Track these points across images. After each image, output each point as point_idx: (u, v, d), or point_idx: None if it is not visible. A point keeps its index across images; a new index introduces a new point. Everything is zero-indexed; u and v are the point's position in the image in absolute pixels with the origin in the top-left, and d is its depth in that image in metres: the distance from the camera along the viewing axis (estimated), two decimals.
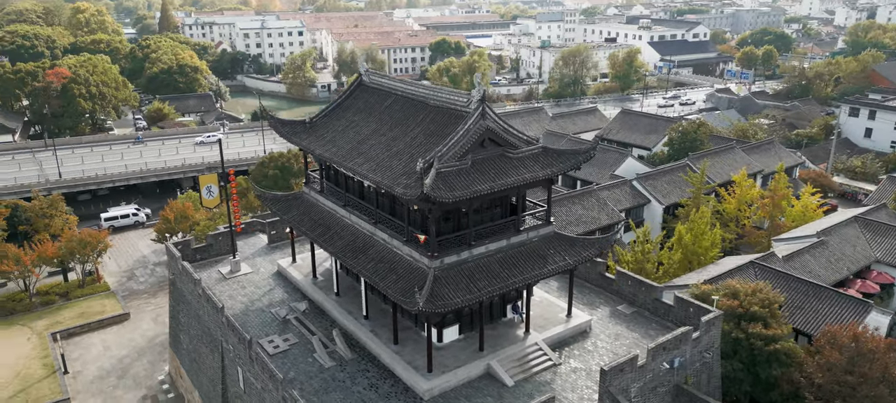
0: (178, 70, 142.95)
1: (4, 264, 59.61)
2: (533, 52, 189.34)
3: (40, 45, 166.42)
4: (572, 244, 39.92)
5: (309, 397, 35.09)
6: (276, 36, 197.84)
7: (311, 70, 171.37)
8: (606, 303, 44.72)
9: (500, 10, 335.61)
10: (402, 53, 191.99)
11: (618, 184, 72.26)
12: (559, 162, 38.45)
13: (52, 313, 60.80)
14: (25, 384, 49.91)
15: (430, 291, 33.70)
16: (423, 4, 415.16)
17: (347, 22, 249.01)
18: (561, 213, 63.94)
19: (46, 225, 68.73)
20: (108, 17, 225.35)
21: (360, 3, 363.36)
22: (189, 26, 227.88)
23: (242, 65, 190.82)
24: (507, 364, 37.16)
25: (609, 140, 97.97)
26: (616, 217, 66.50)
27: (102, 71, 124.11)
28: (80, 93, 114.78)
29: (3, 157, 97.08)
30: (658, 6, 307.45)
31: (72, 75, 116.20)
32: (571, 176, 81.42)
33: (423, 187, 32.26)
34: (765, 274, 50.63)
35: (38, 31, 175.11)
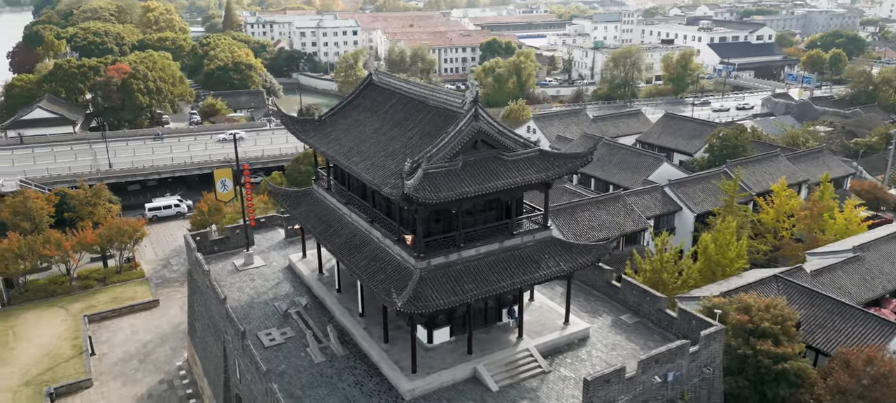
0: (233, 67, 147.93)
1: (47, 248, 63.14)
2: (585, 53, 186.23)
3: (110, 42, 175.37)
4: (569, 250, 39.15)
5: (294, 391, 35.74)
6: (331, 35, 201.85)
7: (361, 68, 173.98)
8: (610, 312, 43.61)
9: (560, 10, 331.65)
10: (452, 53, 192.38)
11: (648, 190, 70.32)
12: (555, 166, 37.75)
13: (88, 297, 64.04)
14: (54, 363, 52.80)
15: (412, 292, 33.75)
16: (482, 4, 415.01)
17: (403, 21, 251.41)
18: (584, 218, 62.79)
19: (90, 212, 72.45)
20: (176, 16, 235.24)
21: (418, 3, 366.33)
22: (251, 25, 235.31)
23: (298, 63, 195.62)
24: (494, 369, 36.77)
25: (650, 144, 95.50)
26: (642, 224, 64.73)
27: (161, 67, 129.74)
28: (139, 88, 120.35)
29: (63, 147, 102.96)
30: (724, 7, 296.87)
31: (131, 71, 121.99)
32: (604, 180, 79.79)
33: (405, 187, 32.33)
34: (788, 289, 48.24)
35: (109, 29, 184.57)
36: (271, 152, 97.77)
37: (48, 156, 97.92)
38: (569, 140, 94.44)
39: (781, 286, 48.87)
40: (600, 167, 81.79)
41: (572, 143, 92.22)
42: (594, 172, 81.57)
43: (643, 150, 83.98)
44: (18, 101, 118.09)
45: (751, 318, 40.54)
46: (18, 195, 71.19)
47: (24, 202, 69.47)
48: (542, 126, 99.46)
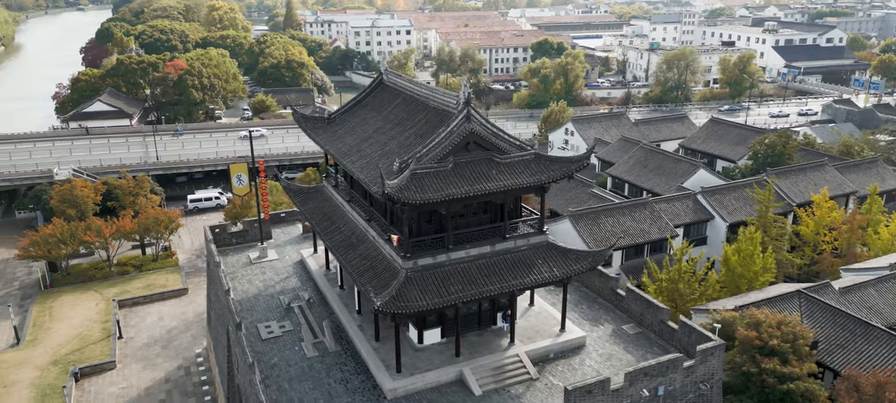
0: (285, 65, 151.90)
1: (87, 235, 66.54)
2: (640, 55, 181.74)
3: (174, 39, 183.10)
4: (565, 256, 38.42)
5: (281, 383, 36.47)
6: (384, 34, 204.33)
7: (411, 68, 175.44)
8: (612, 321, 42.53)
9: (621, 10, 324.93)
10: (503, 53, 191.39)
11: (679, 197, 68.06)
12: (550, 169, 37.11)
13: (124, 282, 67.14)
14: (83, 344, 55.63)
15: (394, 292, 33.89)
16: (542, 4, 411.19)
17: (459, 21, 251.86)
18: (607, 224, 61.40)
19: (132, 202, 75.87)
20: (239, 15, 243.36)
21: (477, 3, 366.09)
22: (310, 24, 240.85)
23: (352, 61, 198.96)
24: (480, 373, 36.47)
25: (693, 150, 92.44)
26: (669, 232, 62.70)
27: (216, 64, 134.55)
28: (193, 83, 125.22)
29: (118, 139, 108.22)
30: (795, 8, 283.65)
31: (187, 67, 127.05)
32: (638, 185, 77.72)
33: (386, 187, 32.47)
34: (810, 306, 45.83)
35: (174, 26, 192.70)
36: (311, 148, 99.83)
37: (103, 147, 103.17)
38: (606, 143, 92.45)
39: (804, 302, 46.45)
40: (635, 172, 79.76)
41: (610, 147, 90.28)
42: (628, 177, 79.61)
43: (679, 156, 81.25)
44: (83, 94, 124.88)
45: (759, 335, 38.79)
46: (66, 183, 75.32)
47: (71, 190, 73.45)
48: (581, 128, 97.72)
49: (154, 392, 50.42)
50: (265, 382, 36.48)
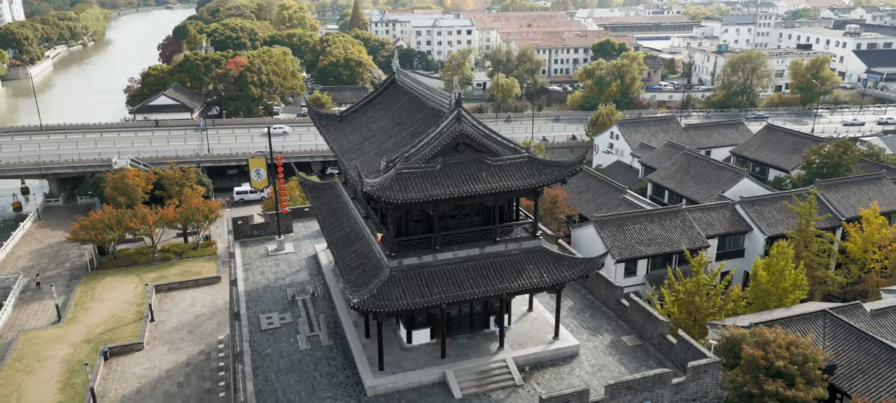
0: (344, 64, 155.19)
1: (132, 222, 70.22)
2: (707, 57, 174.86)
3: (243, 37, 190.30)
4: (557, 262, 37.58)
5: (269, 374, 37.38)
6: (445, 34, 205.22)
7: (469, 68, 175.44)
8: (613, 332, 41.29)
9: (698, 10, 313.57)
10: (563, 54, 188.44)
11: (716, 206, 65.27)
12: (542, 173, 36.40)
13: (163, 268, 70.45)
14: (117, 325, 58.79)
15: (375, 290, 34.15)
16: (614, 4, 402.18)
17: (523, 21, 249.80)
18: (633, 231, 59.61)
19: (178, 192, 79.48)
20: (308, 14, 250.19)
21: (546, 3, 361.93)
22: (375, 23, 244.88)
23: (412, 61, 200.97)
24: (463, 376, 36.21)
25: (745, 158, 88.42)
26: (700, 242, 60.14)
27: (276, 62, 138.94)
28: (253, 80, 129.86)
29: (177, 132, 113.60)
30: (885, 10, 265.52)
31: (248, 64, 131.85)
32: (677, 192, 74.97)
33: (365, 185, 32.75)
34: (835, 327, 42.98)
35: (245, 25, 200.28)
36: None
37: (162, 139, 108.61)
38: (651, 148, 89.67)
39: (828, 323, 43.60)
40: (675, 179, 77.02)
41: (653, 152, 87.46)
42: (668, 184, 76.97)
43: (722, 163, 77.79)
44: (152, 88, 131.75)
45: (766, 355, 36.80)
46: (119, 172, 79.74)
47: (122, 178, 77.71)
48: (627, 132, 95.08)
49: (174, 375, 52.68)
50: (255, 372, 37.51)
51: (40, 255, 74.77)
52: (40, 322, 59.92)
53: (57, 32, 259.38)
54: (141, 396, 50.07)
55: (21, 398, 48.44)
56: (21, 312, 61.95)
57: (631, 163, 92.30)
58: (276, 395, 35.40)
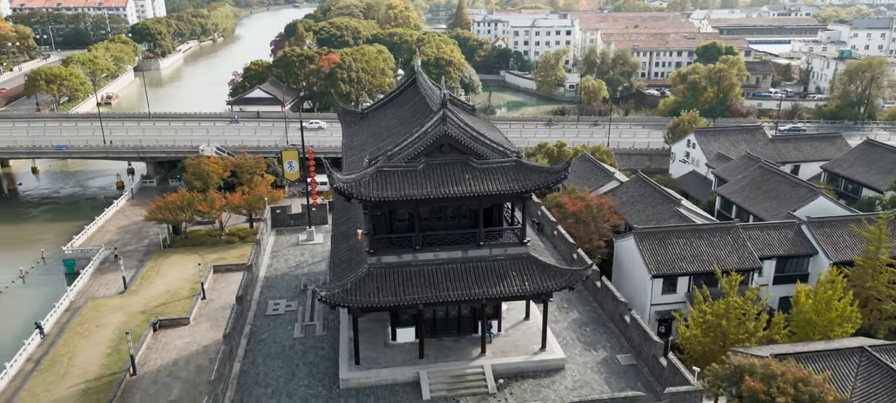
0: (433, 62, 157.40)
1: (202, 205, 75.43)
2: (826, 63, 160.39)
3: (347, 35, 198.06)
4: (543, 271, 36.45)
5: (257, 358, 39.12)
6: (543, 34, 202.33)
7: (562, 69, 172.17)
8: (609, 349, 39.45)
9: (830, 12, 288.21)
10: (665, 57, 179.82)
11: (778, 225, 60.25)
12: (528, 178, 35.40)
13: (225, 250, 75.09)
14: (170, 299, 63.50)
15: (349, 285, 34.81)
16: (741, 4, 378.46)
17: (631, 22, 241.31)
18: (676, 245, 56.32)
19: (248, 179, 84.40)
20: (413, 13, 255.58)
21: (662, 3, 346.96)
22: (477, 23, 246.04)
23: (508, 61, 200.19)
24: (437, 378, 36.04)
25: (837, 175, 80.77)
26: (751, 263, 55.73)
27: (367, 59, 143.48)
28: (342, 77, 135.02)
29: (266, 123, 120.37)
30: None
31: (339, 61, 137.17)
32: (745, 208, 69.83)
33: (336, 181, 33.43)
34: (870, 366, 38.58)
35: (348, 23, 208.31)
36: None
37: (250, 130, 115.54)
38: (727, 159, 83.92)
39: (864, 361, 39.15)
40: (744, 193, 71.79)
41: (729, 164, 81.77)
42: (735, 198, 71.92)
43: (798, 179, 71.33)
44: (253, 82, 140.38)
45: (768, 389, 33.84)
46: (197, 158, 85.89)
47: (199, 165, 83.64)
48: (704, 141, 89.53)
49: (210, 349, 56.02)
50: (246, 354, 39.39)
51: (125, 231, 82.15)
52: (109, 291, 65.91)
53: (189, 28, 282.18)
54: (176, 367, 53.75)
55: (73, 358, 53.69)
56: (96, 281, 68.46)
57: (706, 174, 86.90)
58: (257, 378, 37.01)
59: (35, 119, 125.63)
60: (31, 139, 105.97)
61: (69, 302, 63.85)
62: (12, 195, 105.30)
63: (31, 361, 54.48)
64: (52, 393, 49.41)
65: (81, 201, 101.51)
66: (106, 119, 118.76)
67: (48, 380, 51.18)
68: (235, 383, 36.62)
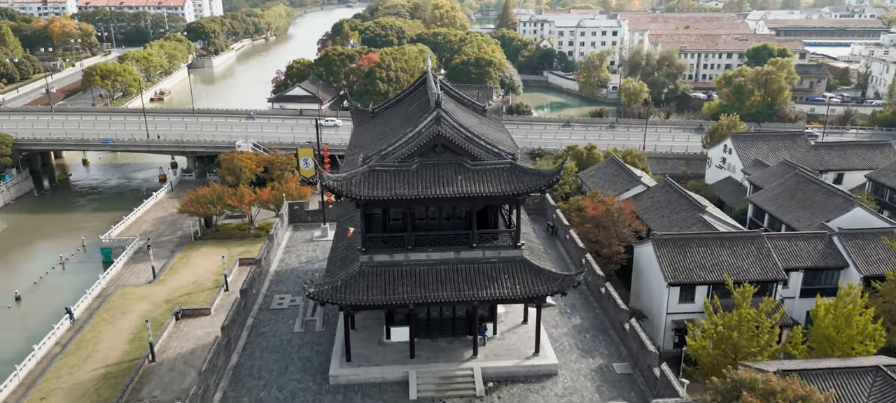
0: (473, 62, 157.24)
1: (231, 199, 77.41)
2: (886, 67, 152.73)
3: (391, 35, 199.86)
4: (536, 275, 36.01)
5: (255, 350, 39.94)
6: (589, 35, 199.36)
7: (606, 70, 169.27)
8: (606, 357, 38.68)
9: None
10: (714, 58, 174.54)
11: (808, 236, 57.77)
12: (521, 181, 35.00)
13: (252, 243, 76.70)
14: (194, 290, 65.33)
15: (339, 282, 35.18)
16: (803, 4, 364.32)
17: (683, 22, 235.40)
18: (695, 254, 54.59)
19: (279, 175, 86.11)
20: (460, 13, 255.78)
21: (718, 4, 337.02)
22: (524, 23, 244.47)
23: (551, 61, 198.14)
24: (425, 378, 36.04)
25: (881, 185, 76.90)
26: (774, 274, 53.59)
27: (406, 59, 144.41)
28: (380, 76, 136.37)
29: (304, 121, 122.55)
30: None
31: (378, 61, 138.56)
32: (777, 217, 67.25)
33: (324, 179, 33.80)
34: (885, 386, 36.60)
35: (395, 23, 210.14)
36: None
37: (288, 127, 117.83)
38: (764, 166, 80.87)
39: (879, 380, 37.16)
40: (777, 202, 69.11)
41: (765, 171, 78.80)
42: (768, 207, 69.31)
43: (834, 188, 68.17)
44: (294, 80, 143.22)
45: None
46: (231, 154, 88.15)
47: (232, 160, 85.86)
48: (742, 146, 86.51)
49: None
50: (245, 347, 40.25)
51: (161, 222, 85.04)
52: (139, 280, 68.37)
53: (243, 27, 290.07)
54: (193, 356, 55.22)
55: (97, 343, 55.91)
56: (128, 270, 71.11)
57: (741, 180, 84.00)
58: (252, 371, 37.79)
59: (87, 112, 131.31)
60: (81, 132, 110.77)
61: (101, 290, 66.48)
62: (63, 185, 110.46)
63: (58, 344, 56.93)
64: (74, 376, 51.57)
65: (126, 192, 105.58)
66: (151, 114, 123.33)
67: (72, 363, 53.44)
68: (231, 373, 37.48)
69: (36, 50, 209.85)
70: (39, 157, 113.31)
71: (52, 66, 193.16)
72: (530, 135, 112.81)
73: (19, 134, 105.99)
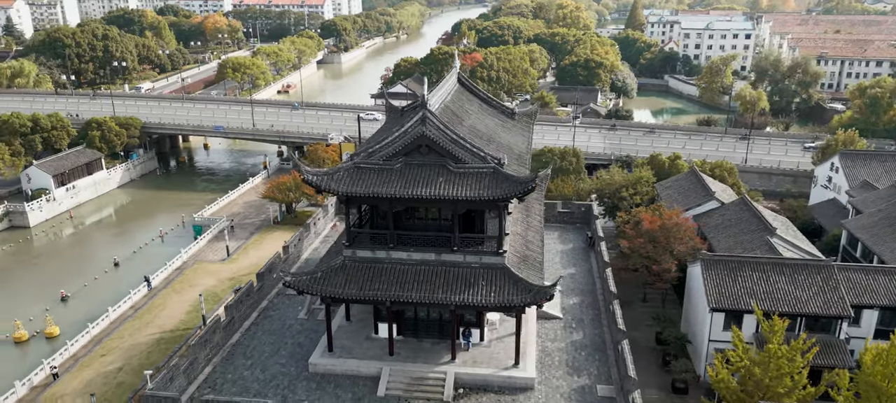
0: (582, 64, 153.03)
1: (306, 188, 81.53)
2: None
3: (507, 35, 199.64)
4: (515, 285, 34.96)
5: (257, 333, 42.09)
6: (718, 37, 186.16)
7: (730, 76, 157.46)
8: (594, 378, 36.73)
9: None
10: (860, 66, 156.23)
11: (890, 270, 50.79)
12: (501, 186, 34.07)
13: None
14: (253, 270, 69.60)
15: (319, 274, 36.27)
16: None
17: (833, 26, 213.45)
18: (746, 278, 49.95)
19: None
20: (584, 13, 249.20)
21: (885, 6, 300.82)
22: (652, 25, 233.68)
23: (674, 65, 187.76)
24: (396, 377, 36.19)
25: None
26: (839, 310, 47.73)
27: (510, 59, 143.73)
28: (481, 75, 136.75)
29: None
30: None
31: (481, 60, 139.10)
32: (869, 248, 59.66)
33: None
34: None
35: (512, 23, 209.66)
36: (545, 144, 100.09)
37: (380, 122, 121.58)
38: (873, 188, 71.61)
39: None
40: (874, 230, 61.29)
41: (872, 194, 69.75)
42: (862, 235, 61.68)
43: None
44: (401, 78, 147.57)
45: None
46: (316, 145, 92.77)
47: (316, 151, 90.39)
48: (850, 165, 77.04)
49: None
50: (250, 328, 42.58)
51: (250, 206, 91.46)
52: (214, 257, 74.15)
53: (375, 26, 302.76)
54: None
55: (161, 311, 61.52)
56: (209, 247, 77.33)
57: (845, 203, 74.99)
58: (246, 351, 39.97)
59: (211, 101, 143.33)
60: (200, 119, 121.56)
61: (181, 263, 72.95)
62: (183, 166, 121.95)
63: (133, 308, 63.36)
64: (134, 338, 57.17)
65: (234, 176, 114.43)
66: (262, 105, 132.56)
67: (136, 326, 59.26)
68: (228, 351, 39.88)
69: (188, 43, 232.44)
70: (168, 140, 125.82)
71: (201, 59, 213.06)
72: (625, 142, 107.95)
73: (150, 118, 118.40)
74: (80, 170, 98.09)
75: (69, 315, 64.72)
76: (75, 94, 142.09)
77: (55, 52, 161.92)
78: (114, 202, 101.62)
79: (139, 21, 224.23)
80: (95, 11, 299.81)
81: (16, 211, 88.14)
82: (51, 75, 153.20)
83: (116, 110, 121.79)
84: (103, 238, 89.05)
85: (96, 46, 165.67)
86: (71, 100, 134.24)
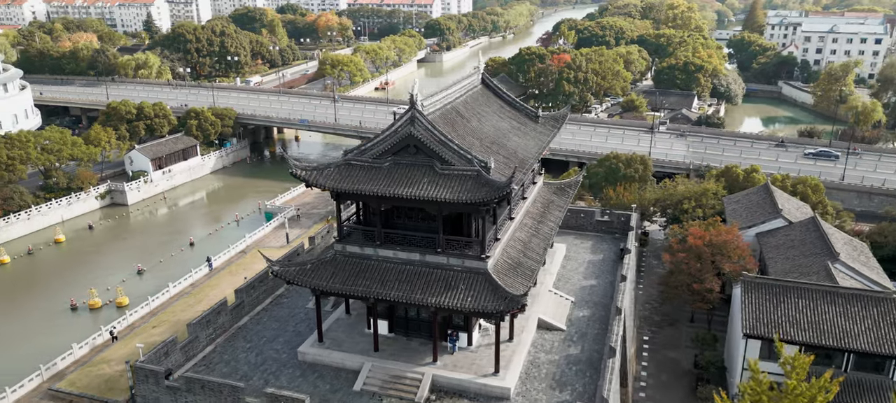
0: (680, 67, 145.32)
1: None
2: None
3: (607, 35, 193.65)
4: (493, 291, 34.12)
5: (263, 318, 43.88)
6: (843, 42, 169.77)
7: (851, 84, 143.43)
8: (577, 395, 35.14)
9: None
10: None
11: None
12: (482, 190, 33.40)
13: None
14: None
15: (309, 266, 37.22)
16: None
17: None
18: (789, 306, 46.05)
19: None
20: (696, 14, 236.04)
21: None
22: (772, 26, 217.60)
23: (791, 70, 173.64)
24: (375, 374, 36.44)
25: None
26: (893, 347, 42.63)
27: (600, 61, 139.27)
28: (568, 77, 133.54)
29: None
30: None
31: (569, 61, 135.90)
32: None
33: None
34: None
35: (614, 23, 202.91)
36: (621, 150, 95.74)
37: None
38: None
39: None
40: None
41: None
42: None
43: None
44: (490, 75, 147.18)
45: None
46: None
47: None
48: None
49: None
50: (260, 313, 44.46)
51: (319, 196, 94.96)
52: (275, 244, 77.89)
53: (481, 25, 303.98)
54: None
55: (214, 290, 65.64)
56: (273, 233, 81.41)
57: None
58: (248, 335, 41.78)
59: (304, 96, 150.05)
60: (287, 111, 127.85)
61: (245, 246, 77.32)
62: (273, 157, 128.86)
63: (191, 286, 68.01)
64: (185, 313, 61.31)
65: None
66: (345, 100, 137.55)
67: (189, 303, 63.59)
68: (234, 332, 41.91)
69: (299, 40, 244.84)
70: (263, 131, 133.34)
71: (310, 55, 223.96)
72: (711, 151, 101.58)
73: (245, 110, 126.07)
74: (176, 155, 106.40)
75: (141, 287, 70.57)
76: (187, 85, 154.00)
77: (177, 47, 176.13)
78: (205, 186, 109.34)
79: (260, 18, 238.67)
80: (227, 8, 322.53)
81: (117, 190, 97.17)
82: (172, 68, 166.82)
83: (218, 102, 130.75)
84: (189, 219, 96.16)
85: (214, 42, 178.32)
86: (181, 92, 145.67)
